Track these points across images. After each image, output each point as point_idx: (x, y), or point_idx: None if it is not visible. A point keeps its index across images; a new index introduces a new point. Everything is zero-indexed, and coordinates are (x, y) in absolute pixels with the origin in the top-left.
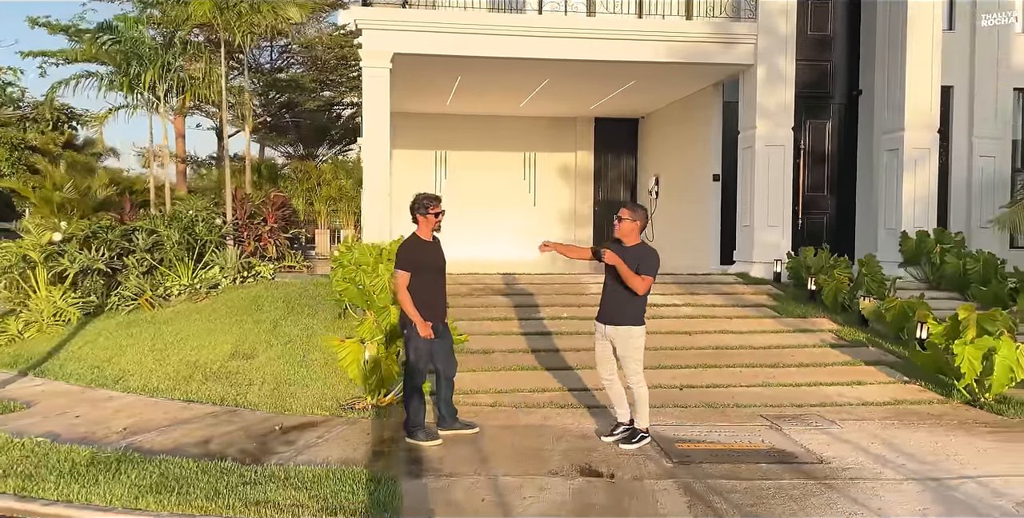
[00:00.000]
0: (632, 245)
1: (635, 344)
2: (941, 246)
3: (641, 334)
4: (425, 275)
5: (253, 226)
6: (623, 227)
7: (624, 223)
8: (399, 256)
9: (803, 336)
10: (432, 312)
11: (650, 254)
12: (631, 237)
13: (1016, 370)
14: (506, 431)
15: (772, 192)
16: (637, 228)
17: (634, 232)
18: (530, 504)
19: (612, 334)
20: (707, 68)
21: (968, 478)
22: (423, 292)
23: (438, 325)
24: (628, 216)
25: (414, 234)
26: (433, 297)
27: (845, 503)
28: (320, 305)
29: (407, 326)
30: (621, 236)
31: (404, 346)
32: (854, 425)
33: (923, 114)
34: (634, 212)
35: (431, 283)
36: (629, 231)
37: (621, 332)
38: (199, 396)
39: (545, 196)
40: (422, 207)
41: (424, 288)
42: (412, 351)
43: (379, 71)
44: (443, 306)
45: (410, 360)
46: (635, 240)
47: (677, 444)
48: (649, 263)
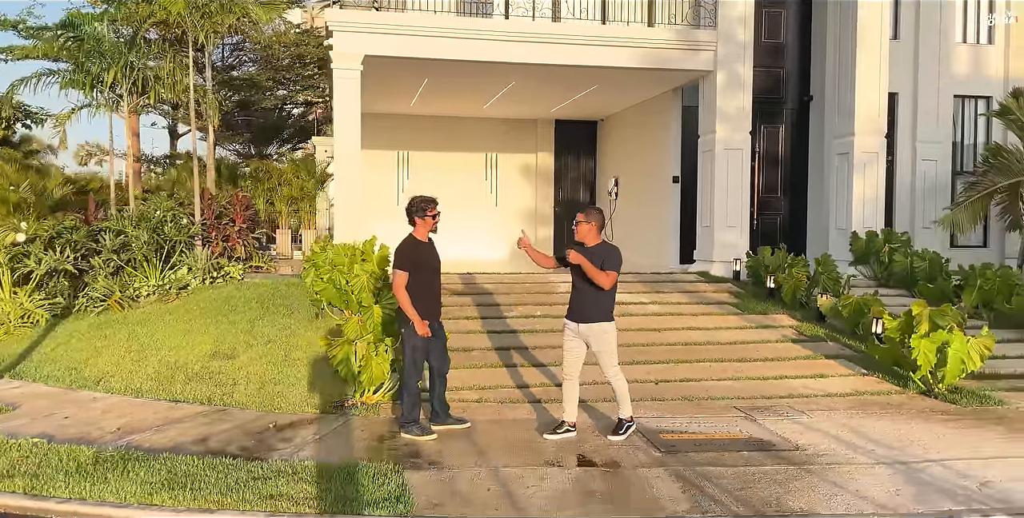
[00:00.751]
0: (593, 245)
1: (609, 339)
2: (889, 245)
3: (614, 329)
4: (422, 275)
5: (221, 226)
6: (581, 230)
7: (581, 226)
8: (397, 256)
9: (765, 332)
10: (428, 311)
11: (612, 251)
12: (590, 238)
13: (967, 362)
14: (496, 425)
15: (731, 194)
16: (595, 229)
17: (592, 232)
18: (534, 493)
19: (586, 332)
20: (669, 74)
21: (932, 461)
22: (420, 291)
23: (434, 324)
24: (583, 219)
25: (411, 235)
26: (429, 296)
27: (825, 486)
28: (295, 305)
29: (404, 325)
30: (581, 239)
31: (401, 344)
32: (822, 415)
33: (872, 120)
34: (588, 215)
35: (427, 283)
36: (587, 232)
37: (595, 329)
38: (185, 396)
39: (507, 196)
40: (420, 209)
41: (421, 288)
42: (409, 349)
43: (350, 73)
44: (438, 305)
45: (407, 358)
46: (596, 240)
47: (662, 435)
48: (612, 259)
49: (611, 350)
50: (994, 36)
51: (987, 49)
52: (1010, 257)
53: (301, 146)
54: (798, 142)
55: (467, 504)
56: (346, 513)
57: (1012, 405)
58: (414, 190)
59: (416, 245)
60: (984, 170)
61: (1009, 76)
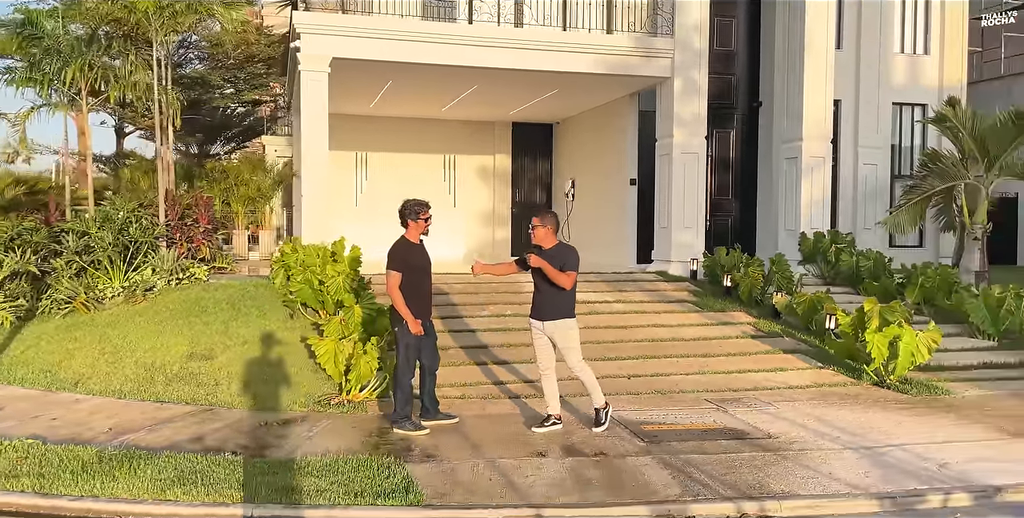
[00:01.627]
0: (551, 247)
1: (571, 335)
2: (836, 246)
3: (575, 325)
4: (414, 276)
5: (186, 227)
6: (537, 234)
7: (537, 230)
8: (390, 258)
9: (726, 328)
10: (420, 310)
11: (570, 252)
12: (547, 240)
13: (916, 355)
14: (482, 420)
15: (687, 196)
16: (550, 232)
17: (549, 235)
18: (533, 481)
19: (550, 329)
20: (628, 79)
21: (894, 446)
22: (412, 291)
23: (425, 322)
24: (539, 223)
25: (403, 237)
26: (421, 296)
27: (800, 469)
28: (268, 306)
29: (398, 324)
30: (538, 242)
31: (395, 343)
32: (787, 405)
33: (819, 126)
34: (543, 219)
35: (419, 283)
36: (544, 236)
37: (559, 326)
38: (169, 397)
39: (465, 197)
40: (412, 212)
41: (413, 288)
42: (402, 347)
43: (318, 75)
44: (429, 304)
45: (400, 356)
46: (552, 242)
47: (643, 426)
48: (570, 260)
49: (574, 345)
50: (929, 47)
51: (923, 59)
52: (944, 256)
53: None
54: (748, 146)
55: (472, 493)
56: (360, 504)
57: (957, 394)
58: (372, 191)
59: (409, 246)
60: (923, 175)
61: (943, 85)
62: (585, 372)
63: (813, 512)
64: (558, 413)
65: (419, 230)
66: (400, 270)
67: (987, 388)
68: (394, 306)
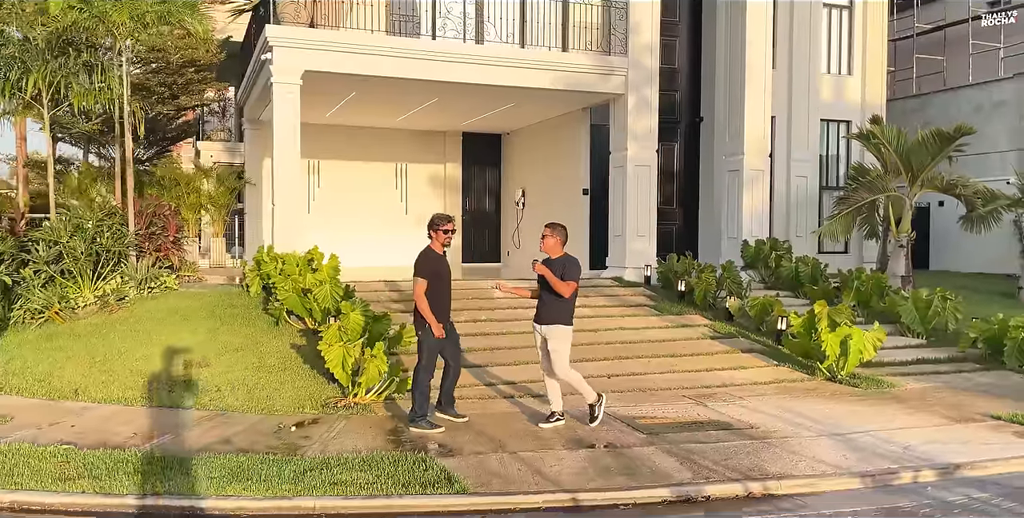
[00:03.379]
0: (557, 257)
1: (562, 340)
2: (776, 253)
3: (569, 333)
4: (438, 283)
5: (155, 236)
6: (547, 243)
7: (547, 240)
8: (418, 266)
9: (686, 330)
10: (442, 314)
11: (572, 263)
12: (555, 250)
13: (864, 352)
14: (489, 418)
15: (640, 206)
16: (559, 242)
17: (557, 246)
18: (560, 470)
19: (546, 332)
20: (584, 95)
21: (860, 432)
22: (435, 298)
23: (446, 324)
24: (549, 234)
25: (428, 247)
26: (443, 301)
27: (788, 454)
28: (250, 314)
29: (421, 327)
30: (546, 251)
31: (418, 345)
32: (757, 400)
33: (758, 141)
34: (554, 230)
35: (441, 290)
36: (552, 246)
37: (553, 330)
38: (177, 403)
39: (416, 205)
40: (433, 224)
41: (436, 294)
42: (425, 349)
43: (290, 87)
44: (449, 309)
45: (422, 357)
46: (559, 252)
47: (637, 420)
48: (571, 270)
49: (563, 350)
50: (853, 68)
51: (847, 79)
52: (868, 262)
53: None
54: (690, 158)
55: (509, 482)
56: (412, 493)
57: (900, 387)
58: (325, 198)
59: (433, 256)
60: (854, 187)
61: (865, 103)
62: (569, 374)
63: (808, 489)
64: (561, 410)
65: (439, 241)
66: (427, 278)
67: (924, 381)
68: (418, 310)
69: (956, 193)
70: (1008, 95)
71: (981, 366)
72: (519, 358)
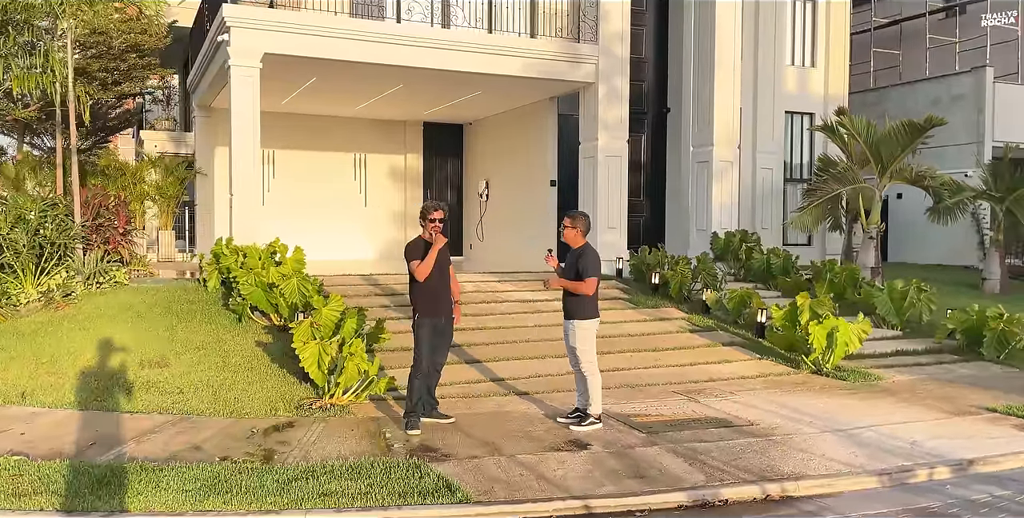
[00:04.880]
0: (578, 247)
1: (585, 335)
2: (746, 245)
3: (590, 327)
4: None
5: (102, 228)
6: (568, 234)
7: (568, 230)
8: (409, 252)
9: (664, 324)
10: (438, 308)
11: (589, 255)
12: (576, 241)
13: (849, 344)
14: (477, 418)
15: (611, 197)
16: (580, 233)
17: (578, 237)
18: (564, 474)
19: (568, 327)
20: (553, 83)
21: (862, 428)
22: (429, 290)
23: (440, 320)
24: (569, 224)
25: (418, 236)
26: (438, 294)
27: (796, 453)
28: (209, 310)
29: (415, 321)
30: (567, 241)
31: (414, 338)
32: (749, 395)
33: (728, 131)
34: (574, 219)
35: (436, 280)
36: (573, 236)
37: (574, 326)
38: (136, 407)
39: (376, 197)
40: (421, 213)
41: (430, 286)
42: (420, 344)
43: (249, 70)
44: (448, 302)
45: (416, 352)
46: (580, 242)
47: (633, 417)
48: (589, 265)
49: (585, 347)
50: (816, 60)
51: (811, 71)
52: (831, 254)
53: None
54: (657, 150)
55: (513, 488)
56: (411, 504)
57: (887, 379)
58: (281, 189)
59: (423, 243)
60: (824, 179)
61: (828, 95)
62: (592, 375)
63: (827, 490)
64: (583, 406)
65: (429, 230)
66: (419, 259)
67: (909, 374)
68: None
69: (924, 184)
70: (966, 89)
71: (960, 357)
72: (499, 354)
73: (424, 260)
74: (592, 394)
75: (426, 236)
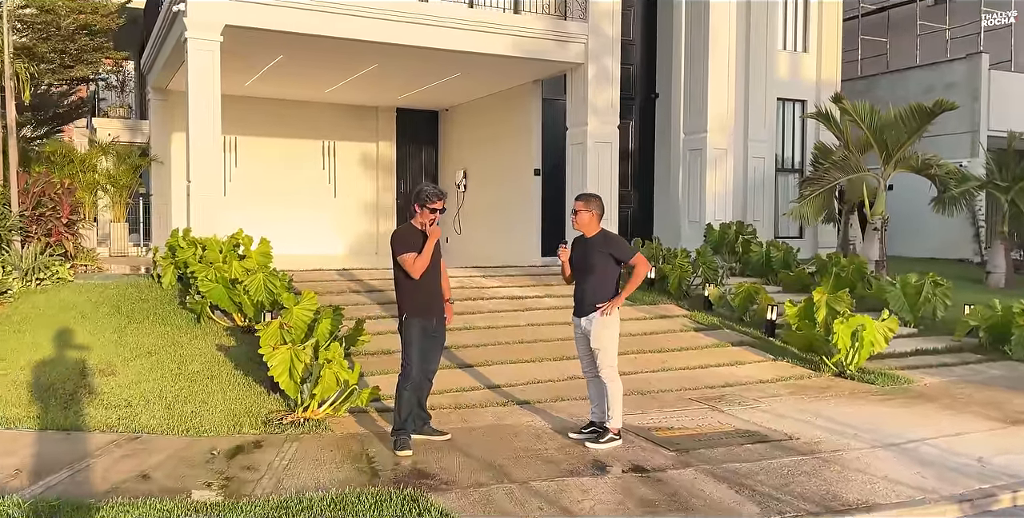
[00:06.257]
0: (594, 235)
1: (610, 334)
2: (743, 237)
3: (615, 323)
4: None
5: (44, 218)
6: (581, 219)
7: (581, 215)
8: (396, 241)
9: (665, 322)
10: (428, 306)
11: (617, 239)
12: (590, 227)
13: (875, 344)
14: (475, 433)
15: (601, 186)
16: (595, 218)
17: (593, 221)
18: (591, 507)
19: (586, 326)
20: (538, 64)
21: (915, 441)
22: (417, 286)
23: (431, 321)
24: (583, 208)
25: (408, 223)
26: (427, 292)
27: (854, 474)
28: (164, 310)
29: (402, 322)
30: (580, 229)
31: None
32: (774, 401)
33: (722, 117)
34: (588, 202)
35: (425, 277)
36: (588, 222)
37: (595, 323)
38: (75, 424)
39: (346, 187)
40: (420, 199)
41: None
42: (406, 343)
43: (208, 44)
44: (440, 301)
45: (404, 359)
46: (596, 229)
47: (655, 432)
48: (622, 247)
49: (611, 347)
50: (808, 44)
51: (803, 56)
52: (824, 247)
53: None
54: (646, 137)
55: None
56: None
57: (917, 382)
58: (243, 178)
59: (414, 232)
60: (827, 167)
61: (820, 81)
62: (613, 382)
63: None
64: (600, 420)
65: (424, 220)
66: (412, 251)
67: (938, 375)
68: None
69: (931, 173)
70: (960, 76)
71: (984, 356)
72: (491, 357)
73: (422, 252)
74: (612, 405)
75: (419, 224)
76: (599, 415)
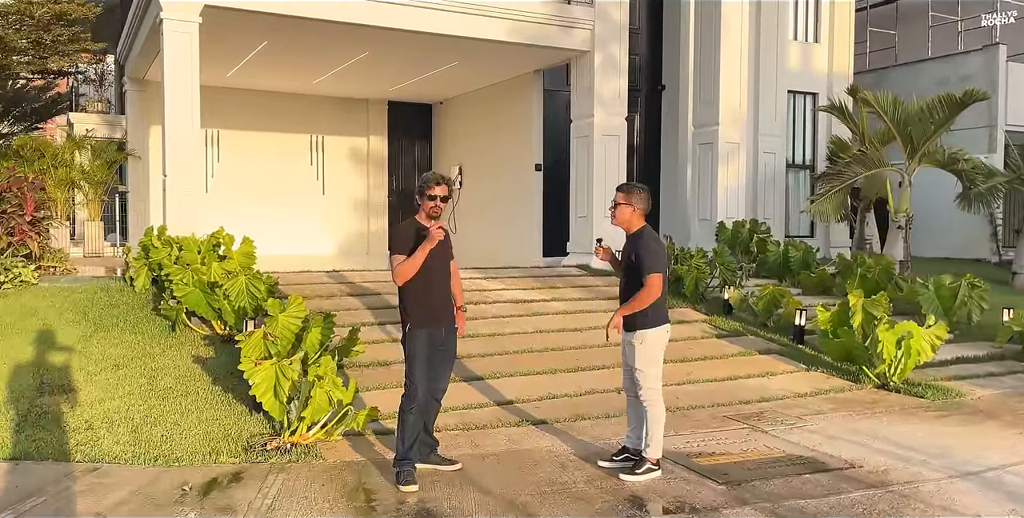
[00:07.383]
0: (636, 230)
1: (650, 352)
2: (757, 235)
3: (657, 338)
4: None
5: (5, 216)
6: (622, 213)
7: (621, 209)
8: (392, 239)
9: (685, 328)
10: (436, 314)
11: (647, 245)
12: (632, 223)
13: (921, 354)
14: (489, 461)
15: (608, 182)
16: (638, 213)
17: (635, 217)
18: None
19: (624, 341)
20: (541, 52)
21: (994, 468)
22: (419, 289)
23: (440, 331)
24: (623, 200)
25: (411, 218)
26: (432, 296)
27: (943, 512)
28: (135, 317)
29: (405, 333)
30: (620, 224)
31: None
32: (820, 420)
33: (734, 110)
34: (629, 194)
35: (429, 279)
36: (629, 217)
37: (632, 339)
38: (26, 451)
39: (336, 184)
40: (418, 187)
41: (420, 284)
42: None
43: (186, 25)
44: (449, 308)
45: (408, 376)
46: (639, 224)
47: (695, 458)
48: (649, 259)
49: (652, 367)
50: (820, 35)
51: (815, 47)
52: (835, 246)
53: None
54: (651, 131)
55: None
56: None
57: (968, 395)
58: (226, 174)
59: (416, 228)
60: (847, 161)
61: (832, 73)
62: (654, 405)
63: None
64: (633, 446)
65: (425, 212)
66: (403, 253)
67: (989, 387)
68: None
69: (957, 168)
70: (976, 69)
71: None
72: (499, 368)
73: (411, 257)
74: (652, 431)
75: (422, 219)
76: (634, 441)
